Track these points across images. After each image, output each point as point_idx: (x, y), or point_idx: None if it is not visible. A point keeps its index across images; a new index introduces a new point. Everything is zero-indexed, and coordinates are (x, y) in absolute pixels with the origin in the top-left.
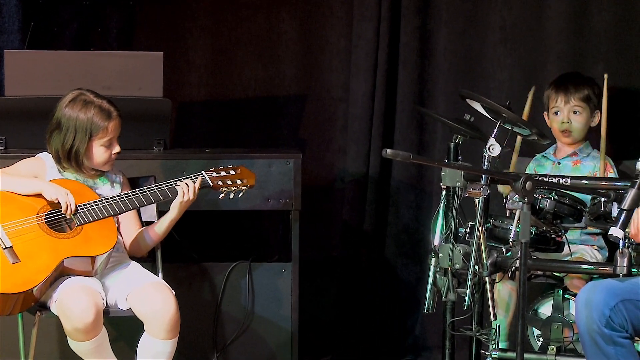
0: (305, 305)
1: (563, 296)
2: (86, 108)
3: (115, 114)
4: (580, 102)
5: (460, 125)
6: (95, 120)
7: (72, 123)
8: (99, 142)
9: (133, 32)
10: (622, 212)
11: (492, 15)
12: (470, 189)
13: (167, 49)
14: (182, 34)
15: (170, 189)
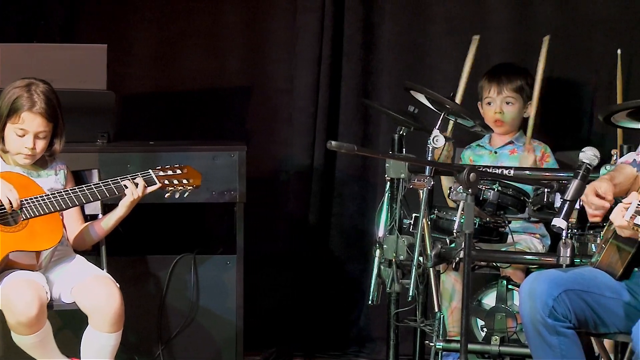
0: (250, 298)
1: (507, 287)
2: (20, 89)
3: (40, 110)
4: (513, 93)
5: (404, 117)
6: (16, 102)
7: (2, 98)
8: (12, 126)
9: (76, 25)
10: (565, 202)
11: (437, 7)
12: (415, 180)
13: (110, 42)
14: (126, 27)
15: (117, 187)
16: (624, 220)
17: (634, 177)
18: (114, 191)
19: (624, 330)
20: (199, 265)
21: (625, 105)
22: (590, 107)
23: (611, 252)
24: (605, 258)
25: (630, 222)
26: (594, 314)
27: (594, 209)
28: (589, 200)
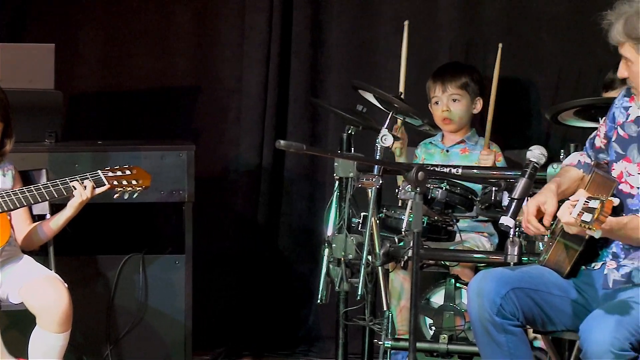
0: (199, 298)
1: (455, 285)
2: None
3: None
4: (458, 90)
5: (352, 116)
6: None
7: None
8: None
9: (24, 24)
10: (513, 201)
11: (385, 5)
12: (363, 179)
13: (58, 41)
14: (74, 26)
15: (65, 188)
16: (571, 217)
17: (579, 179)
18: (63, 192)
19: (571, 328)
20: (148, 265)
21: (572, 104)
22: (538, 105)
23: (559, 250)
24: (552, 256)
25: (578, 220)
26: (542, 312)
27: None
28: (529, 220)
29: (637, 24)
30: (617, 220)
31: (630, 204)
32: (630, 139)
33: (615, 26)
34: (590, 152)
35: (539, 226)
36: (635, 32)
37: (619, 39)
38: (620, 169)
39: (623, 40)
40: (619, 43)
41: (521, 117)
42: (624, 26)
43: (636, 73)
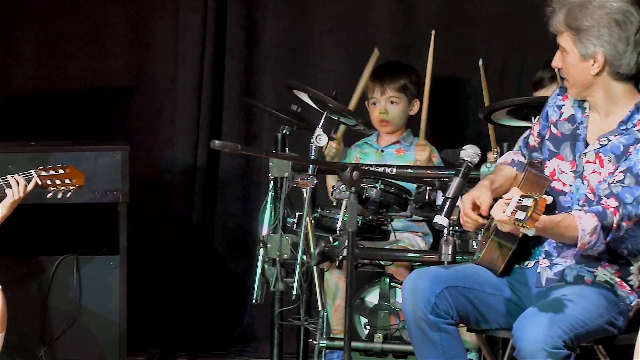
0: (133, 298)
1: (389, 284)
2: None
3: None
4: (396, 93)
5: (287, 115)
6: None
7: None
8: None
9: None
10: (447, 200)
11: (320, 5)
12: (298, 179)
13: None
14: (8, 27)
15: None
16: (504, 215)
17: (513, 177)
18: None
19: (505, 326)
20: (82, 266)
21: (504, 104)
22: (475, 105)
23: (492, 248)
24: (486, 254)
25: (511, 218)
26: (476, 310)
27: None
28: (466, 213)
29: (578, 15)
30: (551, 218)
31: (563, 201)
32: (563, 137)
33: (558, 15)
34: (525, 150)
35: (477, 217)
36: (575, 23)
37: (558, 27)
38: (553, 167)
39: (562, 29)
40: (558, 32)
41: (456, 117)
42: (565, 15)
43: (570, 64)
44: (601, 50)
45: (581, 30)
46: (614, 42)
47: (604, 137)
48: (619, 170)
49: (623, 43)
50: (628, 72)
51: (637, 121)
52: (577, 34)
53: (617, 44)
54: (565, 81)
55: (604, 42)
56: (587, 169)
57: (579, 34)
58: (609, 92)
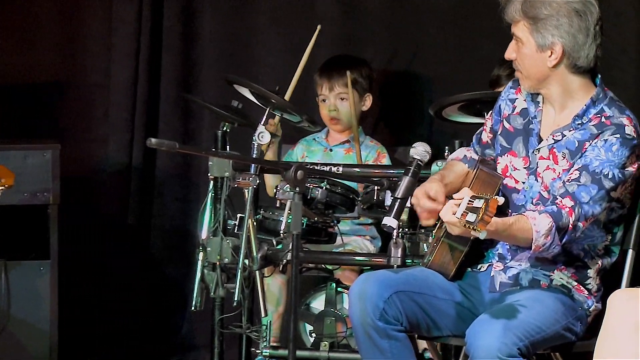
0: (65, 305)
1: (336, 289)
2: None
3: None
4: (345, 88)
5: (227, 112)
6: None
7: None
8: None
9: None
10: (396, 200)
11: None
12: (239, 179)
13: None
14: None
15: None
16: (454, 218)
17: (464, 174)
18: None
19: (457, 333)
20: (10, 272)
21: (456, 99)
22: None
23: (443, 251)
24: (437, 258)
25: (462, 220)
26: (427, 316)
27: (426, 213)
28: (420, 204)
29: (536, 4)
30: (503, 220)
31: (516, 199)
32: (515, 131)
33: (514, 3)
34: (477, 147)
35: (433, 204)
36: (533, 11)
37: (515, 16)
38: (506, 163)
39: (519, 18)
40: (514, 21)
41: (405, 114)
42: (522, 3)
43: (525, 55)
44: (560, 41)
45: (539, 20)
46: (574, 33)
47: (558, 132)
48: (574, 167)
49: (583, 34)
50: (586, 64)
51: (592, 116)
52: (535, 23)
53: (576, 35)
54: (518, 73)
55: (562, 32)
56: (541, 166)
57: (537, 23)
58: (565, 86)
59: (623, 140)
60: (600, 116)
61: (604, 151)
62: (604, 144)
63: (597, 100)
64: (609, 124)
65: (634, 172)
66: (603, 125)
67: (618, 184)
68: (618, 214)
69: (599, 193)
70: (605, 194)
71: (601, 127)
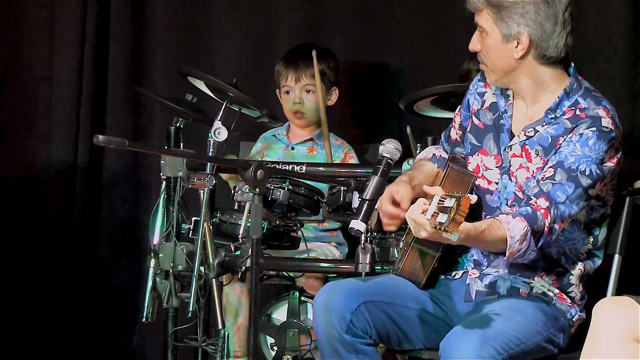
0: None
1: (299, 299)
2: None
3: None
4: (313, 80)
5: (181, 106)
6: None
7: None
8: None
9: None
10: (364, 202)
11: None
12: (194, 179)
13: None
14: None
15: None
16: (424, 218)
17: (434, 174)
18: None
19: (430, 345)
20: None
21: (428, 92)
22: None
23: (414, 257)
24: (407, 264)
25: (432, 221)
26: (397, 328)
27: (388, 219)
28: (384, 209)
29: None
30: (475, 226)
31: (490, 200)
32: (485, 128)
33: None
34: (446, 145)
35: (399, 211)
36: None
37: (477, 4)
38: (477, 162)
39: (482, 6)
40: (477, 10)
41: (373, 109)
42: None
43: (490, 46)
44: (526, 30)
45: (503, 8)
46: (541, 21)
47: (530, 127)
48: (548, 165)
49: (551, 22)
50: (556, 54)
51: (566, 108)
52: (499, 11)
53: (544, 23)
54: (483, 66)
55: (529, 20)
56: (514, 164)
57: (501, 11)
58: (535, 78)
59: (600, 133)
60: (574, 109)
61: (580, 146)
62: (579, 139)
63: (570, 92)
64: (584, 117)
65: (614, 167)
66: (578, 118)
67: (596, 181)
68: (600, 213)
69: (576, 191)
70: (583, 192)
71: (576, 121)
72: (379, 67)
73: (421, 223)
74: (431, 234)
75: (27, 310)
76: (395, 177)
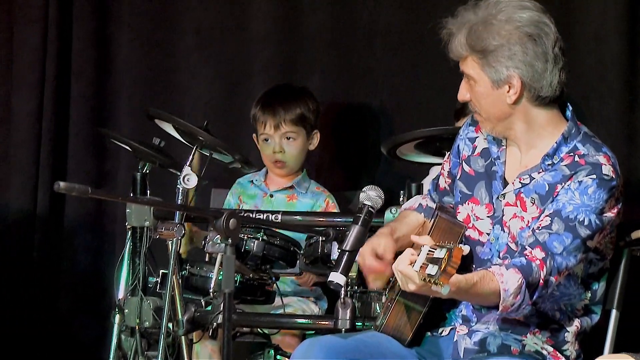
0: None
1: (275, 358)
2: None
3: None
4: (293, 126)
5: (148, 150)
6: None
7: None
8: None
9: None
10: (344, 253)
11: (185, 15)
12: (162, 229)
13: None
14: None
15: None
16: (412, 270)
17: (419, 225)
18: None
19: None
20: None
21: (411, 136)
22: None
23: (398, 312)
24: (391, 320)
25: (421, 272)
26: None
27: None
28: (367, 264)
29: (483, 34)
30: (466, 278)
31: (481, 252)
32: (477, 175)
33: (457, 37)
34: (434, 194)
35: (382, 265)
36: (481, 43)
37: (460, 52)
38: (467, 212)
39: (466, 53)
40: (461, 57)
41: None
42: (467, 37)
43: (480, 94)
44: (516, 72)
45: (489, 52)
46: (530, 61)
47: (525, 174)
48: (545, 213)
49: (541, 60)
50: (551, 93)
51: (564, 154)
52: (485, 57)
53: (534, 63)
54: (477, 116)
55: (518, 62)
56: (507, 214)
57: (487, 56)
58: (529, 122)
59: (600, 181)
60: (573, 155)
61: (579, 194)
62: (578, 186)
63: (569, 137)
64: (583, 164)
65: (614, 217)
66: (577, 164)
67: (595, 232)
68: (598, 267)
69: (574, 242)
70: (581, 244)
71: (575, 167)
72: (359, 108)
73: (409, 275)
74: (420, 286)
75: None
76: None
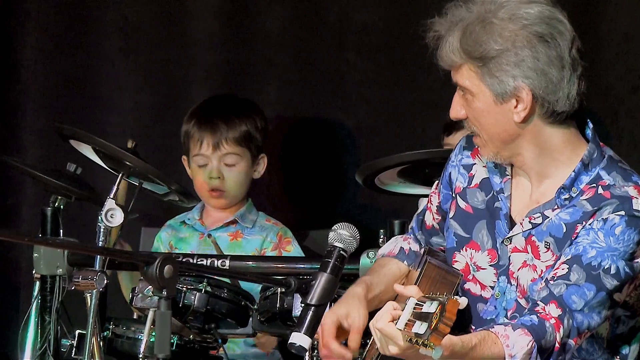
0: None
1: None
2: None
3: None
4: (236, 147)
5: (60, 181)
6: None
7: None
8: None
9: None
10: (309, 308)
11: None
12: (79, 278)
13: None
14: None
15: None
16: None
17: (402, 277)
18: None
19: None
20: None
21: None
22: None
23: None
24: None
25: (406, 332)
26: None
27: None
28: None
29: (481, 37)
30: (462, 341)
31: (483, 311)
32: (475, 213)
33: (448, 40)
34: (420, 234)
35: (343, 352)
36: (479, 49)
37: (453, 59)
38: (465, 261)
39: (460, 60)
40: (454, 65)
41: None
42: (461, 40)
43: (479, 111)
44: (526, 82)
45: (490, 59)
46: (543, 68)
47: (536, 212)
48: (561, 260)
49: (556, 66)
50: (568, 108)
51: (585, 185)
52: (485, 64)
53: (547, 70)
54: (477, 139)
55: (527, 70)
56: (515, 262)
57: (488, 64)
58: (542, 145)
59: (630, 219)
60: (595, 186)
61: (603, 235)
62: (602, 226)
63: (590, 163)
64: (608, 197)
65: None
66: (601, 198)
67: (624, 283)
68: (628, 326)
69: (598, 296)
70: (607, 297)
71: (598, 202)
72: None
73: (391, 335)
74: (404, 349)
75: None
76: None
